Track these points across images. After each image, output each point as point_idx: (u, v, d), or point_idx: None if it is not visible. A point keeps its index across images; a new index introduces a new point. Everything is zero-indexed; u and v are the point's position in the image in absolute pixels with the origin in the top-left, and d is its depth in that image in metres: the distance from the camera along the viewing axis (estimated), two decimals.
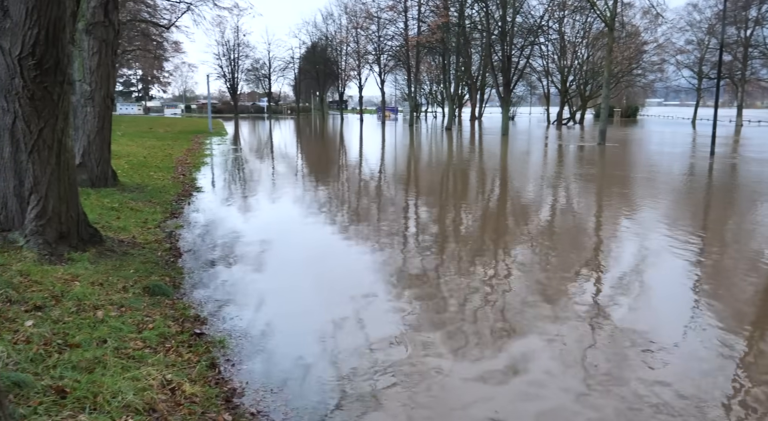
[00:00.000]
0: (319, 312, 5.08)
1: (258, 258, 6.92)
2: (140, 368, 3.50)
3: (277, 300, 5.46)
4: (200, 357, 3.95)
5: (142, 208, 9.26)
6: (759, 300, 5.81)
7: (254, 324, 4.78)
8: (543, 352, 4.33)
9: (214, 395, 3.46)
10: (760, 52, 43.93)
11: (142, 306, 4.73)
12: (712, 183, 15.06)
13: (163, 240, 7.41)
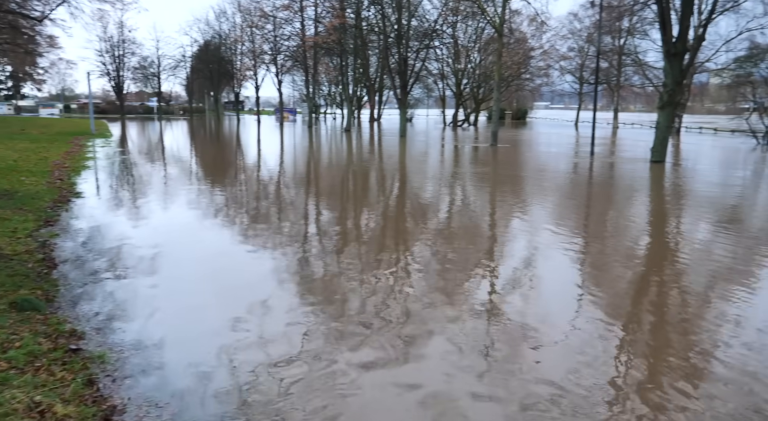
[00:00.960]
0: (213, 321, 4.82)
1: (146, 266, 6.46)
2: (2, 392, 3.10)
3: (168, 310, 5.11)
4: (76, 375, 3.59)
5: (10, 216, 8.37)
6: (634, 291, 6.28)
7: (141, 337, 4.43)
8: (441, 348, 4.38)
9: (90, 415, 3.15)
10: (632, 60, 48.08)
11: (7, 323, 4.23)
12: (593, 181, 16.21)
13: (35, 250, 6.72)
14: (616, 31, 47.66)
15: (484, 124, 58.06)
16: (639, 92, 56.61)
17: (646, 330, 4.94)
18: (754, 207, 12.12)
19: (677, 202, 12.42)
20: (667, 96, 19.62)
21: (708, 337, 4.73)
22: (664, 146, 19.97)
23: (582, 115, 59.29)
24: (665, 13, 19.01)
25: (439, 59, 52.35)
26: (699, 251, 7.95)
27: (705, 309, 5.46)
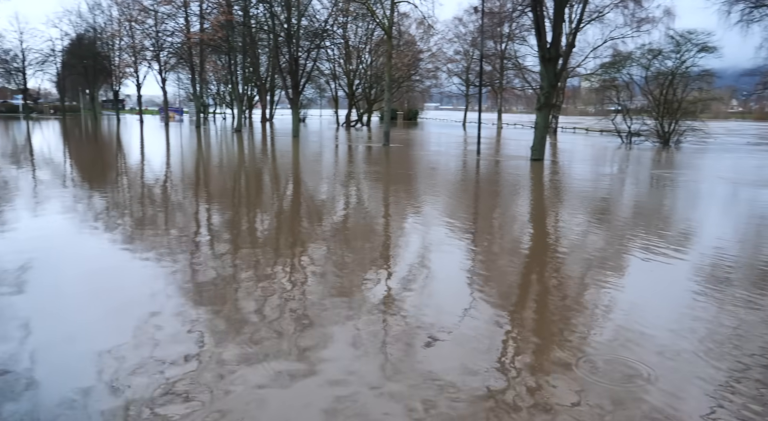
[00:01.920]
0: (95, 335, 4.44)
1: (12, 280, 5.83)
2: None
3: (42, 327, 4.64)
4: None
5: None
6: (521, 283, 6.65)
7: (6, 359, 3.98)
8: (339, 349, 4.36)
9: None
10: (513, 64, 51.06)
11: None
12: (480, 179, 17.00)
13: None
14: (498, 37, 50.41)
15: (377, 124, 58.92)
16: (520, 94, 60.23)
17: (531, 317, 5.24)
18: (621, 199, 13.32)
19: (556, 197, 13.35)
20: (543, 98, 21.04)
21: (585, 321, 5.11)
22: (543, 145, 21.40)
23: (469, 116, 62.05)
24: (540, 20, 20.37)
25: (331, 59, 52.44)
26: (576, 241, 8.59)
27: (583, 295, 5.90)
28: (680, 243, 8.46)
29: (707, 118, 36.74)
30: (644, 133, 32.65)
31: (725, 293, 5.95)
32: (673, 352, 4.40)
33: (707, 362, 4.24)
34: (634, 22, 41.15)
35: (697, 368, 4.12)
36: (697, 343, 4.58)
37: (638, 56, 33.26)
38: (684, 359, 4.29)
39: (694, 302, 5.71)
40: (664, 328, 4.90)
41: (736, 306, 5.54)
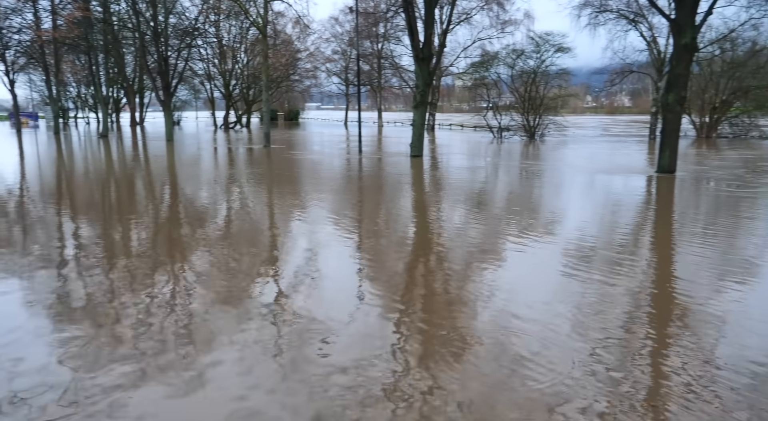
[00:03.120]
0: None
1: None
2: None
3: None
4: None
5: None
6: (408, 277, 6.82)
7: None
8: (231, 357, 4.20)
9: None
10: (390, 64, 52.22)
11: None
12: (363, 176, 17.21)
13: None
14: (374, 36, 51.30)
15: (258, 125, 57.56)
16: (398, 93, 61.86)
17: (419, 309, 5.40)
18: (495, 191, 14.15)
19: (436, 191, 13.87)
20: (419, 96, 21.76)
21: (470, 308, 5.36)
22: (421, 142, 22.15)
23: (351, 115, 62.60)
24: (412, 21, 21.03)
25: (205, 59, 50.33)
26: (457, 232, 8.98)
27: (467, 284, 6.18)
28: (548, 228, 9.16)
29: (566, 113, 40.20)
30: (513, 128, 34.93)
31: (588, 271, 6.53)
32: (547, 327, 4.74)
33: (577, 334, 4.63)
34: (498, 24, 43.87)
35: (569, 340, 4.49)
36: (567, 317, 4.99)
37: (504, 56, 35.48)
38: (556, 332, 4.64)
39: (562, 280, 6.21)
40: (539, 307, 5.27)
41: (598, 282, 6.11)
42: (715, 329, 4.81)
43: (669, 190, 13.65)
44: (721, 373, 3.95)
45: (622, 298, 5.61)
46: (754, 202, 11.84)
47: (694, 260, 7.15)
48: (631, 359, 4.21)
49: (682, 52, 15.62)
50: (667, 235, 9.00)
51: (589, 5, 32.11)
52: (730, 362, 4.14)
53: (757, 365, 4.07)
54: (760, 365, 4.08)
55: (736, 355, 4.27)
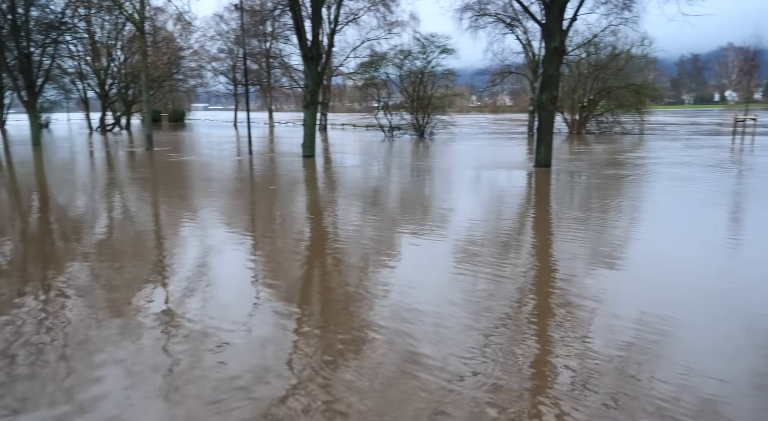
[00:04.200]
0: None
1: None
2: None
3: None
4: None
5: None
6: (305, 278, 6.77)
7: None
8: (117, 375, 3.94)
9: None
10: (279, 63, 51.36)
11: None
12: (255, 178, 16.82)
13: None
14: (262, 35, 50.21)
15: (139, 127, 54.23)
16: (289, 93, 61.03)
17: (318, 309, 5.38)
18: (388, 188, 14.43)
19: (330, 191, 13.88)
20: (309, 96, 21.64)
21: (367, 305, 5.43)
22: (313, 142, 22.05)
23: (240, 116, 60.85)
24: (299, 20, 20.85)
25: (75, 56, 46.49)
26: (353, 231, 9.05)
27: (363, 282, 6.25)
28: (440, 224, 9.51)
29: (453, 112, 41.88)
30: (403, 127, 35.79)
31: (478, 264, 6.87)
32: (441, 320, 4.93)
33: (470, 323, 4.85)
34: (386, 25, 44.66)
35: (461, 331, 4.69)
36: (460, 308, 5.21)
37: (392, 56, 36.21)
38: (449, 325, 4.83)
39: (455, 273, 6.48)
40: (433, 301, 5.46)
41: (487, 274, 6.44)
42: (588, 311, 5.25)
43: (546, 183, 14.67)
44: (596, 354, 4.33)
45: (510, 284, 5.95)
46: (618, 190, 13.06)
47: (568, 246, 7.76)
48: (517, 341, 4.49)
49: (552, 55, 16.85)
50: (545, 223, 9.68)
51: (469, 9, 33.63)
52: (601, 345, 4.54)
53: (619, 351, 4.51)
54: (621, 349, 4.52)
55: (607, 337, 4.69)
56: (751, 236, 8.63)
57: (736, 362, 4.11)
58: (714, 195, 12.29)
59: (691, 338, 4.60)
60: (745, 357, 4.21)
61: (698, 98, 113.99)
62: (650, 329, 4.70)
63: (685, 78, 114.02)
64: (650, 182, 14.56)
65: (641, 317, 4.98)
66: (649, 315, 5.00)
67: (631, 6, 28.70)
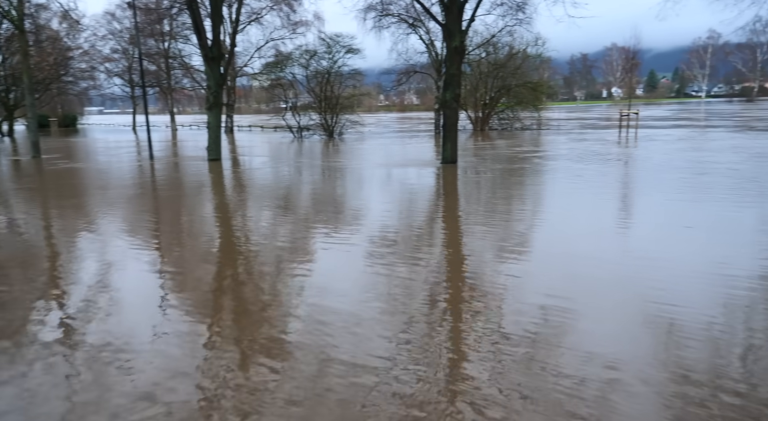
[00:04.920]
0: None
1: None
2: None
3: None
4: None
5: None
6: (216, 286, 6.56)
7: None
8: (6, 403, 3.61)
9: None
10: (179, 64, 49.28)
11: None
12: (157, 184, 16.05)
13: None
14: (159, 34, 47.96)
15: (24, 134, 49.98)
16: (192, 95, 58.76)
17: (231, 318, 5.23)
18: (299, 190, 14.27)
19: (238, 195, 13.52)
20: (212, 97, 20.96)
21: (282, 311, 5.35)
22: (218, 144, 21.38)
23: (139, 119, 57.77)
24: (198, 19, 20.12)
25: None
26: (266, 236, 8.87)
27: (278, 288, 6.14)
28: (354, 223, 9.54)
29: (362, 112, 42.14)
30: (312, 128, 35.55)
31: (392, 262, 6.96)
32: (359, 318, 4.95)
33: (387, 319, 4.91)
34: (290, 25, 44.14)
35: (378, 327, 4.74)
36: (378, 305, 5.26)
37: (297, 56, 35.82)
38: (368, 323, 4.87)
39: (370, 271, 6.52)
40: (351, 300, 5.47)
41: (400, 271, 6.55)
42: (497, 298, 5.48)
43: (453, 178, 15.13)
44: (506, 338, 4.53)
45: (421, 280, 6.09)
46: (520, 183, 13.73)
47: (476, 239, 8.05)
48: (431, 334, 4.60)
49: (453, 54, 17.40)
50: (454, 218, 9.98)
51: (372, 9, 33.97)
52: (510, 329, 4.76)
53: (530, 332, 4.75)
54: (531, 332, 4.77)
55: (514, 321, 4.92)
56: (641, 222, 9.38)
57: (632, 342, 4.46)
58: (607, 185, 13.22)
59: (590, 323, 4.93)
60: (641, 338, 4.57)
61: (588, 95, 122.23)
62: (553, 314, 4.98)
63: (576, 76, 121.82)
64: (549, 175, 15.42)
65: (545, 302, 5.26)
66: (552, 300, 5.30)
67: (524, 8, 30.22)
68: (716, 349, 4.22)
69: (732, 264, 6.31)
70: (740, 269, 6.11)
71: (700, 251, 7.05)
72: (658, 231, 8.26)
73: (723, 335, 4.46)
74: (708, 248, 7.20)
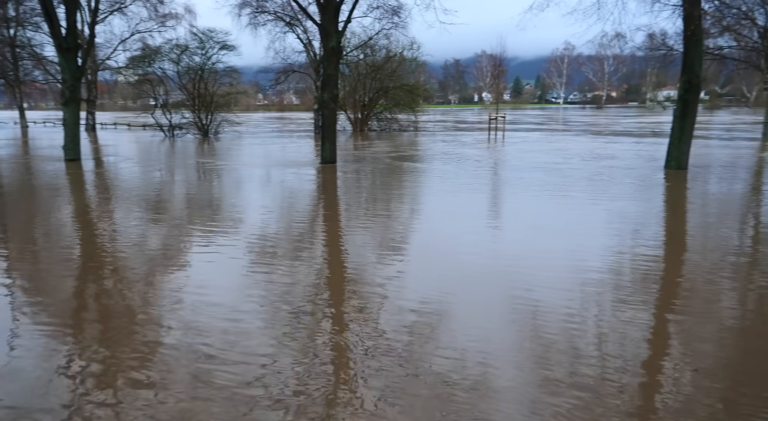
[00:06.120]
0: None
1: None
2: None
3: None
4: None
5: None
6: (79, 298, 5.99)
7: None
8: None
9: None
10: (29, 54, 44.41)
11: None
12: (4, 190, 14.38)
13: None
14: (3, 20, 42.93)
15: None
16: (46, 88, 53.25)
17: (96, 328, 4.80)
18: (173, 192, 13.50)
19: (101, 198, 12.48)
20: (68, 92, 19.12)
21: (156, 319, 5.01)
22: (77, 143, 19.58)
23: None
24: (49, 5, 18.25)
25: None
26: (136, 240, 8.25)
27: (152, 296, 5.73)
28: (232, 225, 9.19)
29: (239, 111, 40.84)
30: (185, 126, 33.82)
31: (273, 264, 6.80)
32: (237, 328, 4.76)
33: (266, 322, 4.78)
34: (158, 17, 41.56)
35: (258, 333, 4.60)
36: (255, 309, 5.10)
37: (167, 51, 33.90)
38: (245, 327, 4.70)
39: (252, 273, 6.32)
40: (229, 307, 5.25)
41: (281, 274, 6.42)
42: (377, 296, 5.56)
43: (332, 179, 15.15)
44: (386, 334, 4.61)
45: (303, 280, 6.01)
46: (397, 182, 14.10)
47: (356, 238, 8.13)
48: (315, 331, 4.56)
49: (330, 55, 17.44)
50: (334, 218, 9.99)
51: (247, 5, 33.03)
52: (389, 326, 4.85)
53: (409, 329, 4.87)
54: (410, 327, 4.89)
55: (395, 319, 5.02)
56: (507, 220, 10.03)
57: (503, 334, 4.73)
58: (480, 184, 13.97)
59: (465, 314, 5.16)
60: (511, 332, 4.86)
61: (462, 98, 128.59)
62: (431, 309, 5.16)
63: (450, 80, 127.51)
64: (425, 175, 15.98)
65: (426, 297, 5.43)
66: (431, 297, 5.48)
67: (399, 12, 31.04)
68: (572, 328, 4.62)
69: (587, 256, 6.95)
70: (593, 260, 6.75)
71: (557, 245, 7.67)
72: (520, 229, 8.87)
73: (577, 318, 4.89)
74: (563, 241, 7.86)
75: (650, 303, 5.33)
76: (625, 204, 10.48)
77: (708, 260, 6.91)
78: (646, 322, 4.83)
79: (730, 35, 27.26)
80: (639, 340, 4.47)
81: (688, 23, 14.33)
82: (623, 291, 5.68)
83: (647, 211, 10.04)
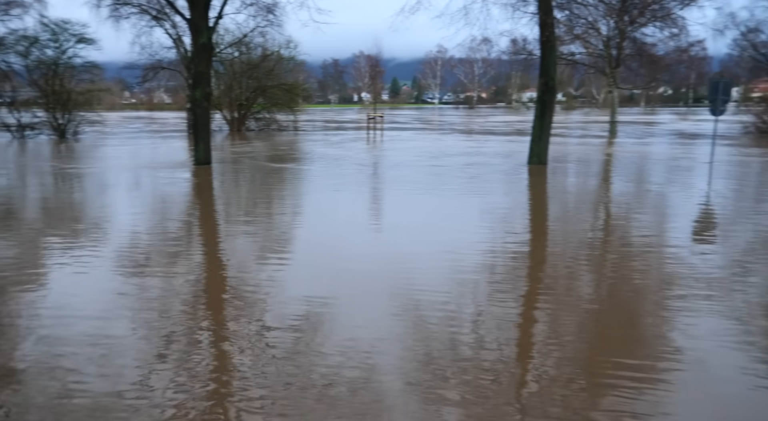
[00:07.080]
0: None
1: None
2: None
3: None
4: None
5: None
6: None
7: None
8: None
9: None
10: None
11: None
12: None
13: None
14: None
15: None
16: None
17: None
18: (24, 201, 12.18)
19: None
20: None
21: (9, 340, 4.51)
22: None
23: None
24: None
25: None
26: None
27: None
28: (97, 234, 8.51)
29: (103, 110, 37.74)
30: (38, 126, 30.67)
31: (146, 273, 6.40)
32: (106, 337, 4.43)
33: (140, 339, 4.49)
34: (2, 5, 37.20)
35: (130, 347, 4.32)
36: (129, 324, 4.78)
37: (13, 42, 30.48)
38: (118, 341, 4.39)
39: (122, 287, 5.90)
40: (96, 324, 4.86)
41: (156, 283, 6.06)
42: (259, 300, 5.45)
43: (207, 180, 14.55)
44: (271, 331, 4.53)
45: (182, 287, 5.72)
46: (275, 183, 13.90)
47: (234, 241, 7.90)
48: (194, 344, 4.37)
49: (201, 51, 16.73)
50: (210, 221, 9.63)
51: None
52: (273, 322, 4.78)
53: (296, 322, 4.84)
54: (298, 321, 4.86)
55: (278, 316, 4.96)
56: (387, 218, 10.28)
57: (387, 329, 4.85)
58: (362, 185, 14.15)
59: (352, 314, 5.23)
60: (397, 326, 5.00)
61: (341, 98, 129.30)
62: (316, 310, 5.16)
63: (330, 80, 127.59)
64: (303, 175, 15.89)
65: (309, 298, 5.41)
66: (314, 297, 5.47)
67: (274, 9, 30.47)
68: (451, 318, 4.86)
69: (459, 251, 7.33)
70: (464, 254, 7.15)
71: (435, 239, 8.02)
72: (400, 226, 9.15)
73: (455, 308, 5.16)
74: (440, 236, 8.23)
75: (519, 293, 5.77)
76: (495, 199, 11.20)
77: (568, 251, 7.61)
78: (515, 309, 5.22)
79: (580, 43, 30.06)
80: (511, 324, 4.82)
81: (543, 30, 15.59)
82: (496, 285, 6.07)
83: (514, 205, 10.80)
